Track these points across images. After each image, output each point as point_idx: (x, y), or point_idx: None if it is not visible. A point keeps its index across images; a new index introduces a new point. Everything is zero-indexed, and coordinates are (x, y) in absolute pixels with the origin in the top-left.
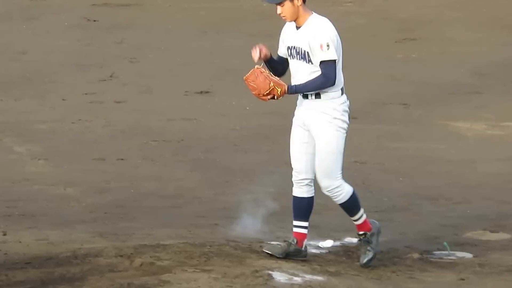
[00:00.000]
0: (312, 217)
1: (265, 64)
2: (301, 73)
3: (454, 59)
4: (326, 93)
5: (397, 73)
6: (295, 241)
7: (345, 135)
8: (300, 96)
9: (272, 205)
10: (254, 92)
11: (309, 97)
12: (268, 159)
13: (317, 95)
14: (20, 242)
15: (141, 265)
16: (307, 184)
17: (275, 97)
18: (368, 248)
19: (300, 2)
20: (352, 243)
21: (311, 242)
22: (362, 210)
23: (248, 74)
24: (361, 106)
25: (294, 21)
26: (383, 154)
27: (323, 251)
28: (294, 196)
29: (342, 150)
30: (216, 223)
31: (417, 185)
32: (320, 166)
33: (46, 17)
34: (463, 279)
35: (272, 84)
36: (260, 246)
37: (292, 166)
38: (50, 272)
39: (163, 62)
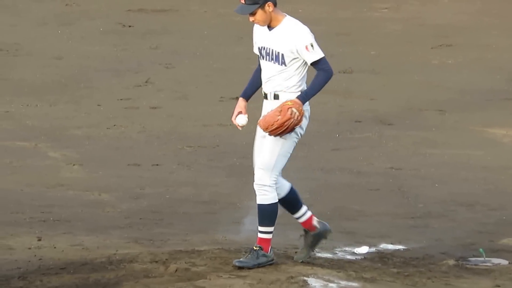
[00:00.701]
0: (347, 223)
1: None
2: (270, 73)
3: (491, 66)
4: (284, 93)
5: (433, 79)
6: (306, 231)
7: (295, 139)
8: (264, 99)
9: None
10: (274, 124)
11: (268, 97)
12: (303, 165)
13: (276, 96)
14: (55, 247)
15: (176, 271)
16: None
17: (296, 111)
18: (252, 258)
19: (271, 8)
20: (388, 249)
21: (347, 248)
22: (272, 229)
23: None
24: (397, 112)
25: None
26: (419, 160)
27: (359, 257)
28: (280, 199)
29: (287, 154)
30: (251, 229)
31: (453, 191)
32: (262, 159)
33: (81, 23)
34: (498, 286)
35: (279, 106)
36: (295, 252)
37: (275, 173)
38: (85, 278)
39: (199, 67)
